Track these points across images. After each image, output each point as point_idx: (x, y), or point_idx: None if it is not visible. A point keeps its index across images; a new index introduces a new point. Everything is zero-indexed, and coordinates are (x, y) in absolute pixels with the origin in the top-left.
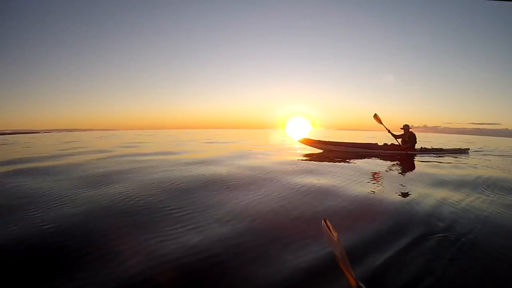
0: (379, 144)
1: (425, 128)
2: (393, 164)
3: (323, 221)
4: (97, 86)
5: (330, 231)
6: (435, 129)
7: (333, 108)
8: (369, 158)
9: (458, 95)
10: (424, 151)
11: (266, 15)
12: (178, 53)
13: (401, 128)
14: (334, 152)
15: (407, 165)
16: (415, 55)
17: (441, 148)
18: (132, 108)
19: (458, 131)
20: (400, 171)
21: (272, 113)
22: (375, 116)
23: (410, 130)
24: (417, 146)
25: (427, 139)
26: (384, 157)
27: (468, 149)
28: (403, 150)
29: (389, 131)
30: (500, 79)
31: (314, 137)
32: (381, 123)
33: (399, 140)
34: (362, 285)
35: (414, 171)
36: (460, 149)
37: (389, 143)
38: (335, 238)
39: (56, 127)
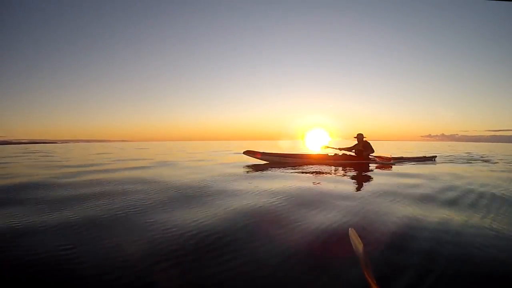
0: (330, 154)
1: (443, 137)
2: (339, 174)
3: (350, 230)
4: (111, 96)
5: (356, 240)
6: (453, 138)
7: (351, 118)
8: (315, 169)
9: (475, 102)
10: (382, 159)
11: (286, 24)
12: (196, 64)
13: (355, 137)
14: (281, 164)
15: (359, 175)
16: (433, 62)
17: (402, 157)
18: (146, 120)
19: (474, 139)
20: (346, 181)
21: (291, 124)
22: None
23: (365, 139)
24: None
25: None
26: (334, 168)
27: (435, 156)
28: (357, 160)
29: (340, 149)
30: None
31: (259, 149)
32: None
33: (353, 150)
34: None
35: (365, 180)
36: (425, 157)
37: (340, 153)
38: (361, 247)
39: (72, 138)
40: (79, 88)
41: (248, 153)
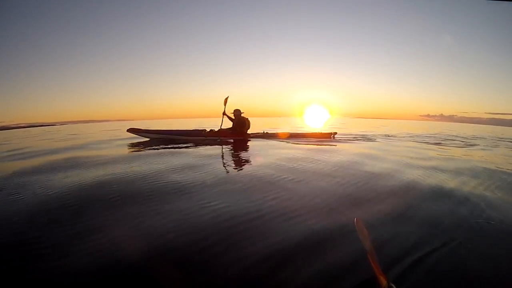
0: (207, 130)
1: (441, 117)
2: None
3: (355, 220)
4: (105, 77)
5: (362, 230)
6: (451, 118)
7: (351, 96)
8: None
9: (475, 84)
10: (260, 136)
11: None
12: (191, 39)
13: (232, 113)
14: (160, 140)
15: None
16: (432, 41)
17: (292, 133)
18: (145, 99)
19: (473, 121)
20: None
21: (288, 101)
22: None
23: (242, 115)
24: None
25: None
26: (207, 144)
27: (335, 133)
28: (232, 136)
29: (224, 113)
30: None
31: (142, 126)
32: (225, 105)
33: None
34: (393, 285)
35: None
36: (321, 133)
37: (217, 130)
38: (366, 238)
39: (70, 119)
40: (73, 70)
41: (131, 130)
